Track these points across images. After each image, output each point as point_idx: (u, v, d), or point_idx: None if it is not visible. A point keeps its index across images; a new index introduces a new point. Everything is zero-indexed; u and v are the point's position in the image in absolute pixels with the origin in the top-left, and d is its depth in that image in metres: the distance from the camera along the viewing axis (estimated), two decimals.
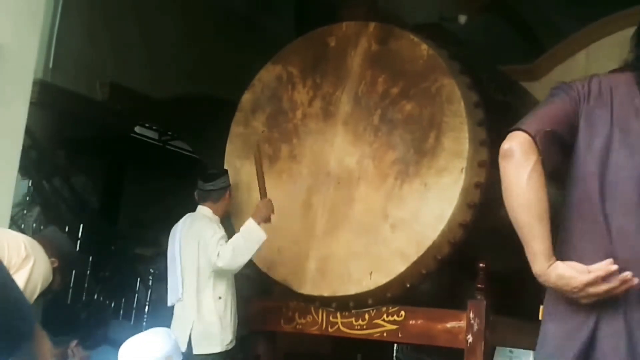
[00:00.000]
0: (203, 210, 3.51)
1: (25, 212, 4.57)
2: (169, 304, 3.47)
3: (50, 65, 5.31)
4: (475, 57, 3.88)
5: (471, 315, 3.09)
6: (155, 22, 6.01)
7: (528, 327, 3.46)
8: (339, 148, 3.51)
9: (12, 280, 1.13)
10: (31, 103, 3.88)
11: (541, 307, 1.79)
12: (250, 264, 3.63)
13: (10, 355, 1.06)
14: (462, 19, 5.36)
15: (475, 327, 3.07)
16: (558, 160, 1.74)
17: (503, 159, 1.73)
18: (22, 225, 3.98)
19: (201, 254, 3.36)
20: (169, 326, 3.35)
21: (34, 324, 1.17)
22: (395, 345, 5.64)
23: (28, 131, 3.89)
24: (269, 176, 3.65)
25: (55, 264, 2.74)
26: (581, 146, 1.73)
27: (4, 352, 1.05)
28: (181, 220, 3.56)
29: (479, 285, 3.13)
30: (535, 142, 1.67)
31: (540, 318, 1.79)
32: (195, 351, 3.29)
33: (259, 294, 3.85)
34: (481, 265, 3.14)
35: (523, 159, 1.68)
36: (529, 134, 1.67)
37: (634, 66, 1.75)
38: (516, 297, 3.42)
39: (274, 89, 3.78)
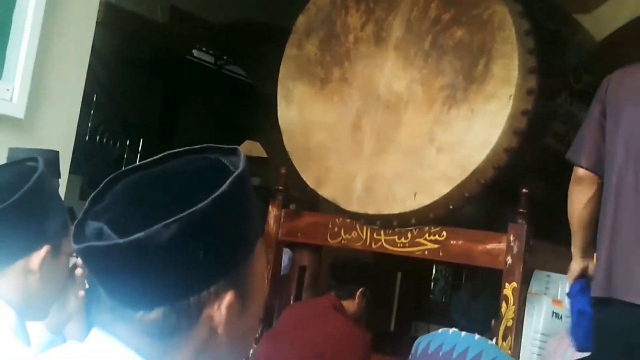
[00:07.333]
0: None
1: (89, 125, 4.61)
2: None
3: None
4: None
5: (511, 238, 3.01)
6: None
7: (566, 253, 3.38)
8: (389, 72, 3.39)
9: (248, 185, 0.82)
10: (97, 23, 3.86)
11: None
12: (301, 182, 3.60)
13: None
14: None
15: (515, 249, 3.00)
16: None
17: (573, 183, 2.25)
18: (87, 137, 4.03)
19: None
20: None
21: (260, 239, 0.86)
22: (434, 266, 5.63)
23: (94, 50, 3.89)
24: (320, 97, 3.57)
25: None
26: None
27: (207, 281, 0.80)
28: None
29: (521, 210, 3.04)
30: (594, 172, 2.15)
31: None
32: None
33: (307, 210, 3.82)
34: (524, 190, 3.04)
35: (586, 190, 2.19)
36: (588, 169, 2.16)
37: None
38: (556, 224, 3.33)
39: (327, 12, 3.65)
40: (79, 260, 1.48)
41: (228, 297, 0.80)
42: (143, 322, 0.78)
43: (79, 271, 1.50)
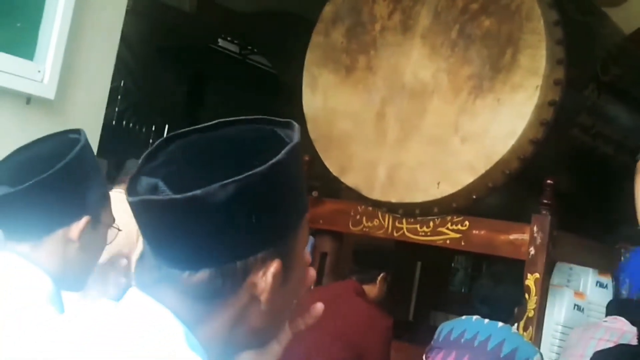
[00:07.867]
0: None
1: (117, 109, 4.64)
2: None
3: None
4: None
5: (535, 228, 2.98)
6: None
7: (589, 245, 3.35)
8: (415, 61, 3.37)
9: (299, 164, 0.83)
10: (127, 10, 3.87)
11: None
12: (324, 169, 3.59)
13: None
14: None
15: (538, 240, 2.97)
16: None
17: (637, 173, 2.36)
18: (114, 121, 4.05)
19: None
20: None
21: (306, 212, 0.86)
22: (454, 258, 5.60)
23: (122, 36, 3.91)
24: (345, 85, 3.56)
25: None
26: None
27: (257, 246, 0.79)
28: None
29: (545, 201, 3.01)
30: None
31: None
32: None
33: (329, 197, 3.82)
34: (548, 181, 3.01)
35: None
36: None
37: None
38: (580, 216, 3.30)
39: (354, 1, 3.63)
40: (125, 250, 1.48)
41: (275, 265, 0.79)
42: (187, 283, 0.77)
43: (123, 261, 1.50)
